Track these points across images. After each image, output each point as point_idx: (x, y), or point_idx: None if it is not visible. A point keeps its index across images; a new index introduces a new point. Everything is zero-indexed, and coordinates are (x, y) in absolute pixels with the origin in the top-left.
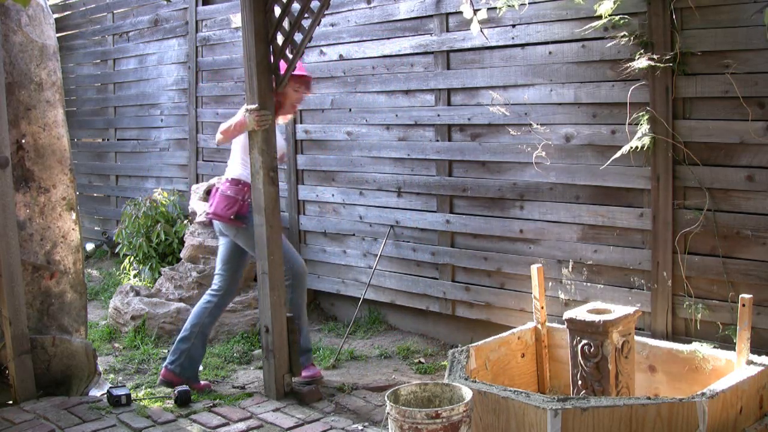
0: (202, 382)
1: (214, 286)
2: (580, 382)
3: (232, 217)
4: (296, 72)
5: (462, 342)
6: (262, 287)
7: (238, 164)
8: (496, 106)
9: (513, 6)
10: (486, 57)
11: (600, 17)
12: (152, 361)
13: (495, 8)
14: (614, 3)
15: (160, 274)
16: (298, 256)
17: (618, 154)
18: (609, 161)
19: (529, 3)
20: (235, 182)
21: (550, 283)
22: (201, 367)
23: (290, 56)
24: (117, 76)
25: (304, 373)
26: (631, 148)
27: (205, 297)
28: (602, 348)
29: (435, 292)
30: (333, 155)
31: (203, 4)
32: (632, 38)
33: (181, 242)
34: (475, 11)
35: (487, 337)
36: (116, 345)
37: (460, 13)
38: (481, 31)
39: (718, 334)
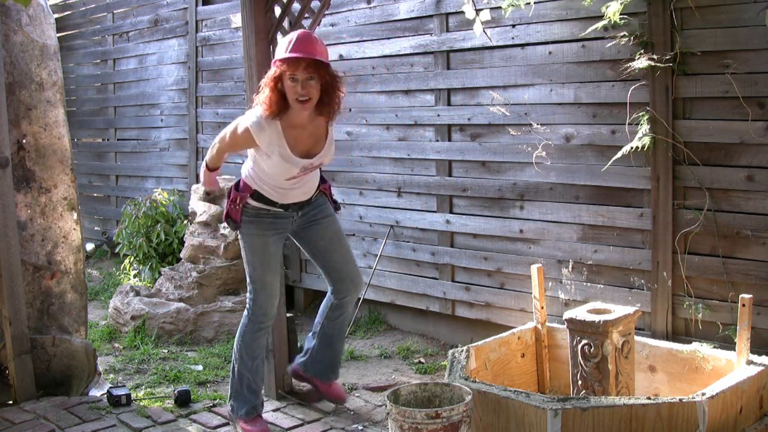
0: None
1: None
2: (580, 382)
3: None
4: (282, 55)
5: (462, 342)
6: None
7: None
8: (496, 106)
9: (519, 6)
10: (486, 57)
11: (600, 17)
12: (152, 361)
13: (498, 8)
14: (621, 4)
15: (160, 274)
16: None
17: (619, 154)
18: (610, 162)
19: (527, 4)
20: (237, 183)
21: (550, 283)
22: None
23: None
24: (117, 76)
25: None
26: (632, 148)
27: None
28: (602, 348)
29: (435, 292)
30: None
31: (203, 4)
32: (632, 38)
33: (181, 242)
34: (478, 11)
35: (487, 337)
36: (116, 345)
37: (460, 13)
38: (484, 31)
39: (718, 334)
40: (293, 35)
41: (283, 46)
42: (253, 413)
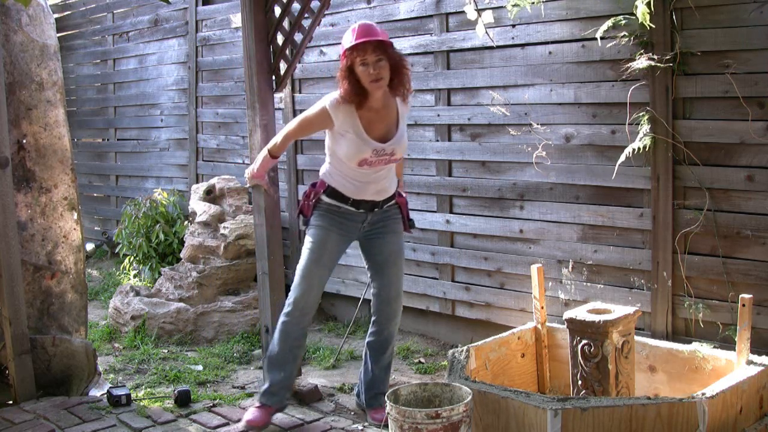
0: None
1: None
2: (580, 382)
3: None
4: (350, 44)
5: (462, 342)
6: (262, 287)
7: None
8: (496, 106)
9: (526, 6)
10: (486, 57)
11: (600, 17)
12: (152, 361)
13: (498, 8)
14: (646, 4)
15: (160, 274)
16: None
17: (622, 157)
18: (617, 165)
19: (531, 4)
20: (313, 184)
21: (550, 283)
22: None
23: (290, 56)
24: (117, 76)
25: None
26: (634, 150)
27: None
28: (602, 348)
29: (435, 292)
30: None
31: (203, 4)
32: (632, 38)
33: (181, 242)
34: (479, 11)
35: (487, 337)
36: (116, 345)
37: (461, 13)
38: (487, 32)
39: (718, 334)
40: (354, 26)
41: (348, 37)
42: (263, 400)
